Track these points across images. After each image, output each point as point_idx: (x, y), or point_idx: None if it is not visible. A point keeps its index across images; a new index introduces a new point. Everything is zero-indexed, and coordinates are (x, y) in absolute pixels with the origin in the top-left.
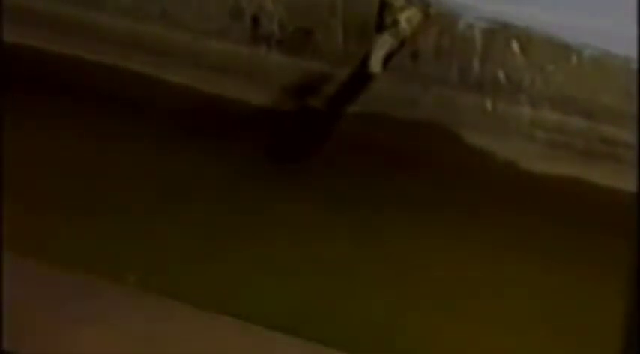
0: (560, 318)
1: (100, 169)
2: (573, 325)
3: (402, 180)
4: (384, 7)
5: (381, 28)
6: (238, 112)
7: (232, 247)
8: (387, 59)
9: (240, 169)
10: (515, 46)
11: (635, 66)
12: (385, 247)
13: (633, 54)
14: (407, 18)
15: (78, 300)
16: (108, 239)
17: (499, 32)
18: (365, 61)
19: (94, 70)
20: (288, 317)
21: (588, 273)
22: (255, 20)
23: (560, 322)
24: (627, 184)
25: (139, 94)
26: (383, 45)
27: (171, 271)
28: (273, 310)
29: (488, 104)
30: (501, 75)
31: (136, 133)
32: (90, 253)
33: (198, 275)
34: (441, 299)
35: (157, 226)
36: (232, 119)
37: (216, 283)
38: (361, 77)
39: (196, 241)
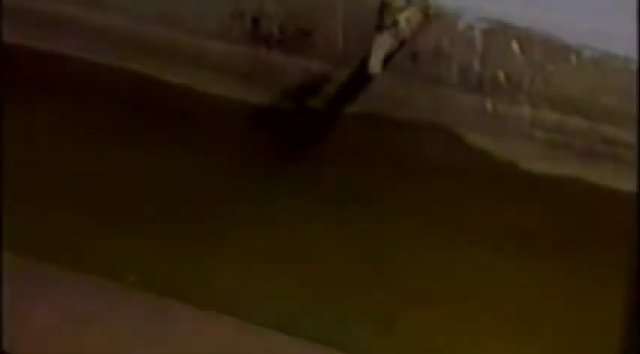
0: (560, 318)
1: (100, 169)
2: (573, 324)
3: (402, 180)
4: (384, 7)
5: (381, 28)
6: (238, 112)
7: (232, 247)
8: (387, 59)
9: (240, 168)
10: (515, 46)
11: (635, 66)
12: (386, 247)
13: (633, 54)
14: (407, 18)
15: (78, 300)
16: (108, 239)
17: (499, 32)
18: (365, 62)
19: (94, 70)
20: (288, 317)
21: (588, 273)
22: (256, 21)
23: (560, 322)
24: (627, 184)
25: (139, 94)
26: (383, 45)
27: (171, 271)
28: (273, 310)
29: (489, 104)
30: (501, 75)
31: (136, 133)
32: (90, 253)
33: (198, 275)
34: (441, 299)
35: (157, 226)
36: (232, 119)
37: (216, 283)
38: (361, 77)
39: (196, 241)
